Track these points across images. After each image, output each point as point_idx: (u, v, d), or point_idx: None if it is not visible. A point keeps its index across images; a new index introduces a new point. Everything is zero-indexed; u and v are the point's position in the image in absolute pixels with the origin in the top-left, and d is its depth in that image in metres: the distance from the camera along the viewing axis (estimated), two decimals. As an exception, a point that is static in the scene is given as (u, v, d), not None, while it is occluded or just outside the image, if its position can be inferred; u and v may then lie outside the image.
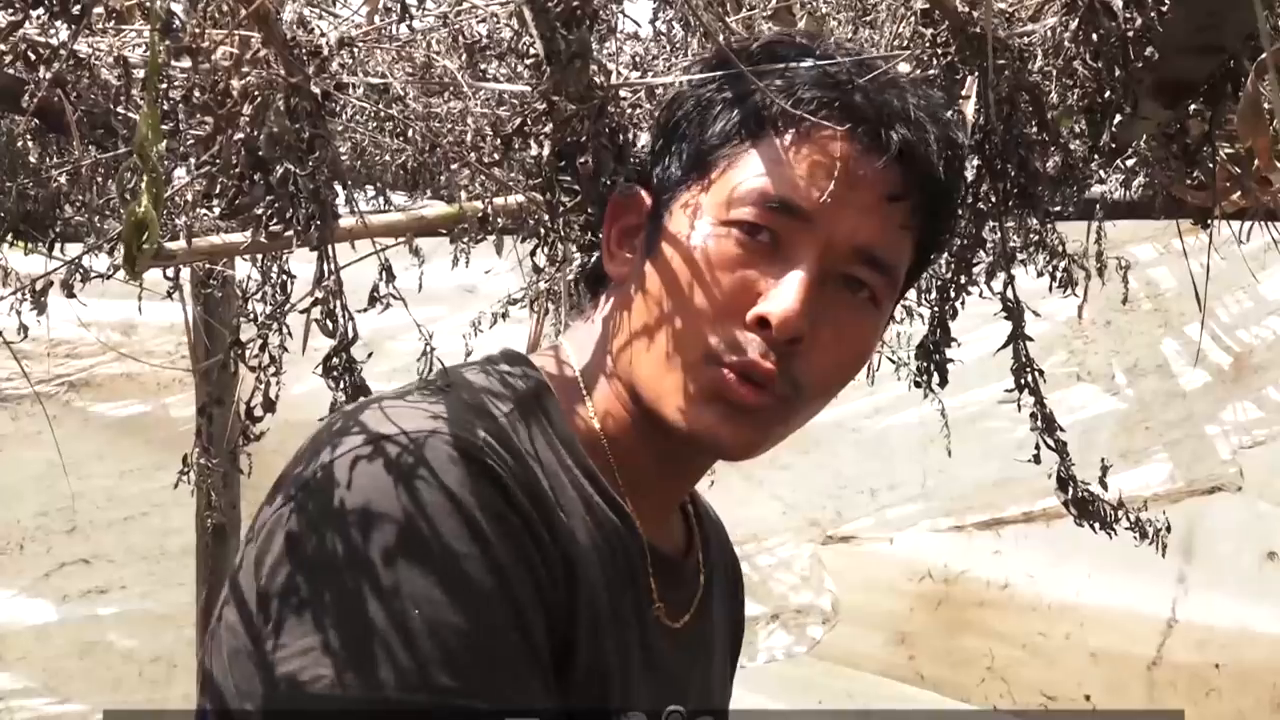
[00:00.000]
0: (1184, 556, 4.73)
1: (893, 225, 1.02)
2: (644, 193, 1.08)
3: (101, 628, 4.82)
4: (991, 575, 5.14)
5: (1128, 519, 1.74)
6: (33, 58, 1.24)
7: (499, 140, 1.28)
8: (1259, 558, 4.82)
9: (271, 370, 1.30)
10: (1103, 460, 1.73)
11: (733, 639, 1.28)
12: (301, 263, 1.34)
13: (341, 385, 1.11)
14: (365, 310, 1.12)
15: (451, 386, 1.02)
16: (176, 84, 1.05)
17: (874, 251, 1.02)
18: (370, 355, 1.19)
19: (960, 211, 1.45)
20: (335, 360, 1.09)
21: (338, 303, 1.09)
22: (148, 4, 1.09)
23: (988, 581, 5.15)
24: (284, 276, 1.55)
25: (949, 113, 1.09)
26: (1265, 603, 4.73)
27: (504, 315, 3.23)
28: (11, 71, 1.38)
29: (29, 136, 2.02)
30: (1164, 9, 1.35)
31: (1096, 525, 1.70)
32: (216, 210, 1.06)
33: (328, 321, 1.10)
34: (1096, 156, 1.87)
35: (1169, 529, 1.88)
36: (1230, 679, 4.81)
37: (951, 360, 1.56)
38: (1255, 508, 4.84)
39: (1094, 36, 1.37)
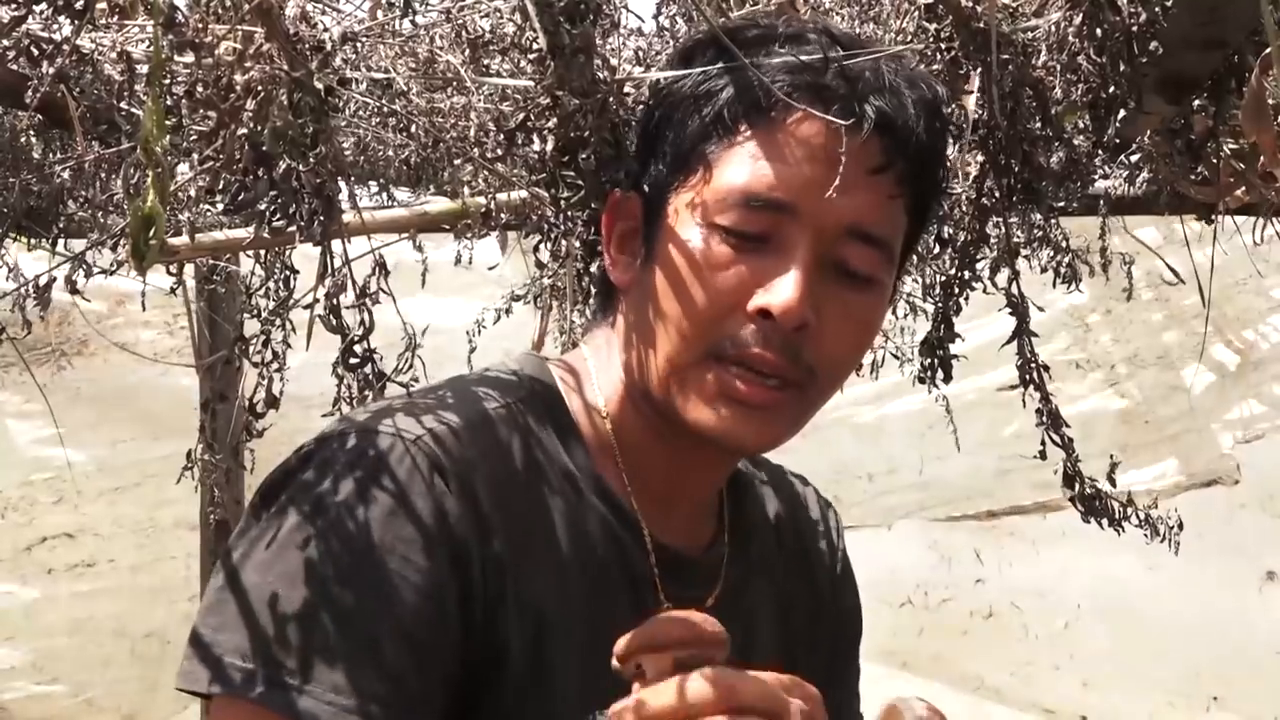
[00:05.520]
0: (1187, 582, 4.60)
1: (880, 198, 1.02)
2: (635, 197, 1.08)
3: (90, 603, 4.71)
4: (980, 563, 5.10)
5: (1137, 516, 1.73)
6: (36, 53, 1.23)
7: (502, 135, 1.28)
8: (1259, 577, 4.76)
9: (275, 366, 1.30)
10: (1112, 457, 1.72)
11: (805, 621, 1.24)
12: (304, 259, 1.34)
13: (358, 377, 1.11)
14: (353, 306, 1.12)
15: (442, 388, 1.05)
16: (179, 79, 1.05)
17: (865, 228, 1.01)
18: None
19: (951, 172, 1.44)
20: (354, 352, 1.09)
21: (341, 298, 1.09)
22: (151, -1, 1.09)
23: (971, 611, 5.10)
24: (287, 272, 1.55)
25: (925, 79, 1.08)
26: (1266, 623, 4.65)
27: (508, 311, 3.24)
28: (14, 67, 1.38)
29: (32, 132, 2.01)
30: (1168, 4, 1.35)
31: (1104, 522, 1.69)
32: (220, 206, 1.06)
33: (331, 317, 1.10)
34: (1100, 152, 1.87)
35: (1180, 526, 1.86)
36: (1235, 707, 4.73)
37: (956, 356, 1.56)
38: (1255, 522, 4.77)
39: (1098, 31, 1.37)
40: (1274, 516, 4.79)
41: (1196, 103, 1.64)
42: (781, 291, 0.98)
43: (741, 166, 1.00)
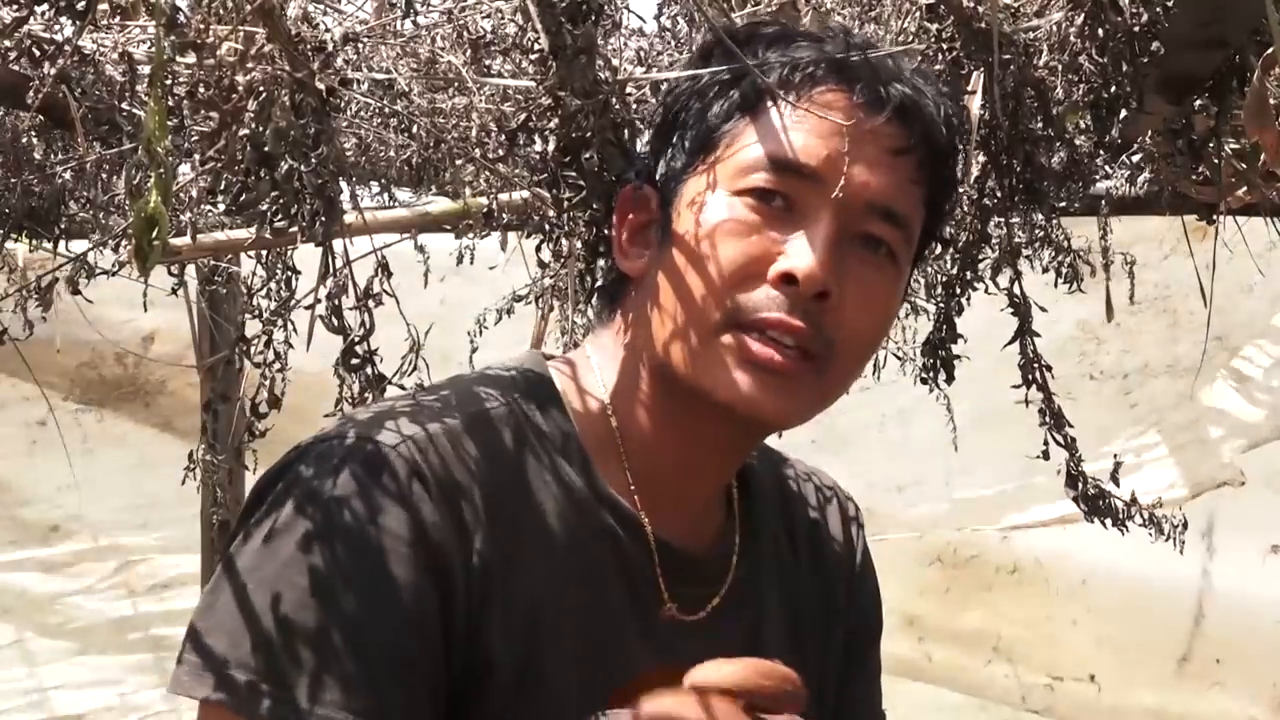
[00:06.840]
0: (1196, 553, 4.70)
1: (902, 179, 1.02)
2: (651, 190, 1.08)
3: (165, 623, 5.09)
4: (1002, 560, 5.17)
5: (1141, 516, 1.73)
6: (37, 54, 1.24)
7: (504, 136, 1.28)
8: (1263, 551, 4.83)
9: (276, 366, 1.30)
10: (1115, 457, 1.72)
11: (818, 620, 1.22)
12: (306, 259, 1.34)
13: (359, 378, 1.11)
14: (355, 307, 1.12)
15: (443, 387, 1.05)
16: (181, 80, 1.05)
17: (887, 205, 1.02)
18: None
19: (964, 196, 1.44)
20: (355, 353, 1.09)
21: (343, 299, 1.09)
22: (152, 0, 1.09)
23: (997, 567, 5.17)
24: (289, 272, 1.55)
25: (940, 83, 1.10)
26: (1269, 594, 4.73)
27: (509, 311, 3.23)
28: (16, 68, 1.38)
29: (34, 133, 2.01)
30: (1169, 4, 1.35)
31: (1108, 522, 1.69)
32: (221, 206, 1.06)
33: (333, 318, 1.10)
34: (1102, 152, 1.87)
35: (1185, 525, 1.86)
36: (1235, 673, 4.80)
37: (959, 357, 1.56)
38: (1261, 500, 4.83)
39: (1099, 31, 1.36)
40: (1277, 493, 4.84)
41: (1198, 103, 1.64)
42: (805, 256, 0.98)
43: (766, 136, 1.01)
